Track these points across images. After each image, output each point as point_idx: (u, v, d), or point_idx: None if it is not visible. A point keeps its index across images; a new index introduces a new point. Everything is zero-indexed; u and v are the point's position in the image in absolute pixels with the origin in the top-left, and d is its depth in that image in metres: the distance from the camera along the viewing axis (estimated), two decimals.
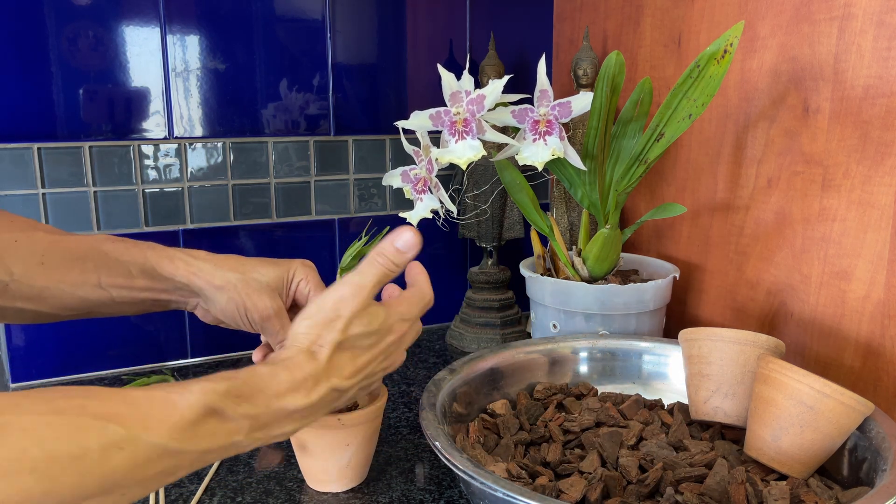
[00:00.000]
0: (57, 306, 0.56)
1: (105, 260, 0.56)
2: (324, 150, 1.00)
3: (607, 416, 0.65)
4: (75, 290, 0.55)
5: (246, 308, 0.59)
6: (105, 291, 0.57)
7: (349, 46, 0.99)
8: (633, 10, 0.98)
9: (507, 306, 1.01)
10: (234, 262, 0.60)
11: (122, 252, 0.57)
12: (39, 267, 0.54)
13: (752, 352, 0.61)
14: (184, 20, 0.90)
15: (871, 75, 0.66)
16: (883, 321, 0.67)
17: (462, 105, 0.68)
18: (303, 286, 0.62)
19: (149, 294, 0.58)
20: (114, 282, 0.57)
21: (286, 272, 0.62)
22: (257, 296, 0.59)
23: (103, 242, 0.57)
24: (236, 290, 0.59)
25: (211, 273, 0.59)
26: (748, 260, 0.83)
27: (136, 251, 0.58)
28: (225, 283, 0.59)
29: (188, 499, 0.63)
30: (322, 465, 0.63)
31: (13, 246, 0.54)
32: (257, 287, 0.59)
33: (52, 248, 0.55)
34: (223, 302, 0.59)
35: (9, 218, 0.56)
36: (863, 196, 0.68)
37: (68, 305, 0.56)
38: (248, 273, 0.60)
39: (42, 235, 0.56)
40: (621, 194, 0.77)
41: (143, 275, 0.57)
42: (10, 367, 0.89)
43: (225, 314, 0.60)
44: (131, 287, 0.57)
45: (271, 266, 0.61)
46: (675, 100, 0.70)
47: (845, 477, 0.56)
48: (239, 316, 0.59)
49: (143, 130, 0.91)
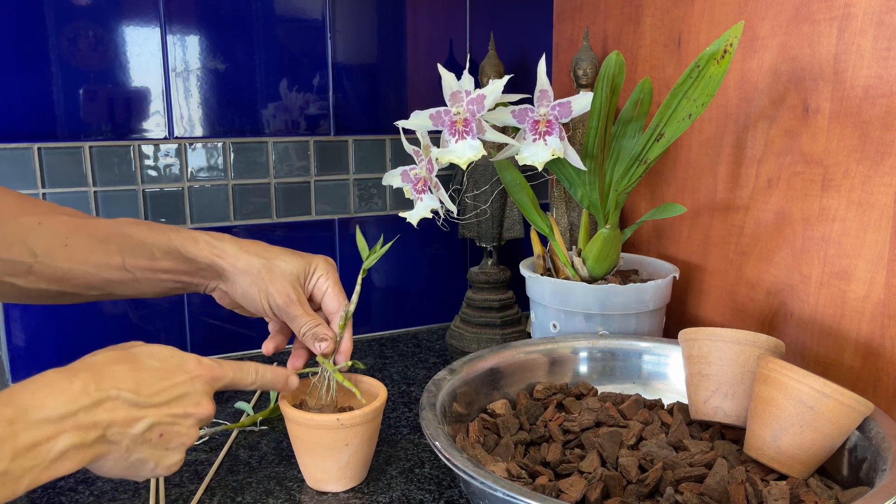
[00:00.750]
0: (81, 286, 0.56)
1: (129, 242, 0.57)
2: (324, 150, 1.00)
3: (607, 416, 0.65)
4: (99, 271, 0.56)
5: (269, 293, 0.59)
6: (129, 273, 0.57)
7: (349, 46, 0.99)
8: (633, 10, 0.98)
9: (507, 306, 1.01)
10: (259, 248, 0.61)
11: (145, 234, 0.58)
12: (63, 249, 0.54)
13: (752, 352, 0.61)
14: (184, 20, 0.90)
15: (871, 75, 0.66)
16: (883, 321, 0.67)
17: (462, 105, 0.68)
18: (321, 282, 0.63)
19: (171, 276, 0.59)
20: (137, 263, 0.57)
21: (308, 265, 0.63)
22: (280, 282, 0.60)
23: (126, 225, 0.58)
24: (259, 274, 0.59)
25: (235, 256, 0.59)
26: (748, 260, 0.83)
27: (159, 233, 0.58)
28: (248, 266, 0.59)
29: (188, 499, 0.63)
30: (321, 465, 0.63)
31: (37, 228, 0.54)
32: (280, 274, 0.60)
33: (75, 231, 0.55)
34: (245, 285, 0.60)
35: (31, 202, 0.57)
36: (863, 196, 0.68)
37: (92, 285, 0.57)
38: (272, 260, 0.60)
39: (66, 219, 0.56)
40: (621, 194, 0.77)
41: (167, 256, 0.58)
42: (10, 366, 0.89)
43: (245, 298, 0.60)
44: (155, 269, 0.58)
45: (295, 256, 0.62)
46: (675, 100, 0.70)
47: (845, 477, 0.56)
48: (260, 300, 0.60)
49: (144, 130, 0.91)
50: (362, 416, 0.62)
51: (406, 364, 0.96)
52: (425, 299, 1.11)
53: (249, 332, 1.00)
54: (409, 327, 1.11)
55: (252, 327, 0.99)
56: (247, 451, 0.72)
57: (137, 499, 0.64)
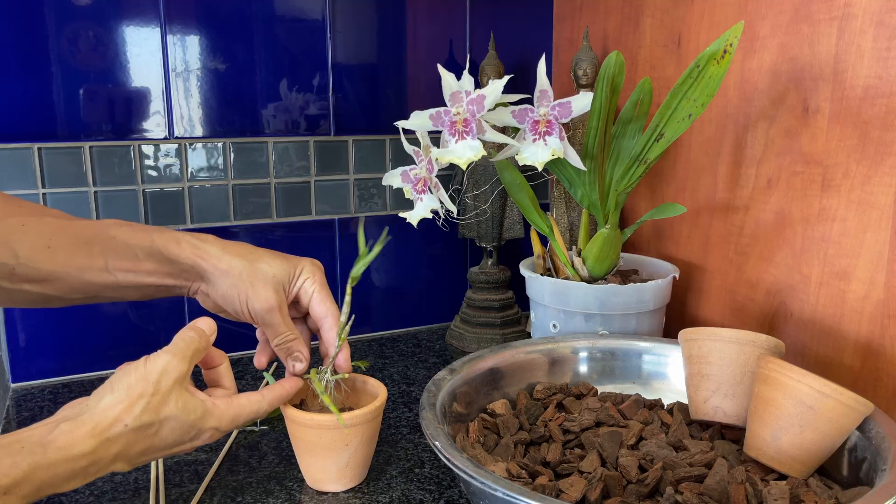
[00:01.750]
0: (63, 289, 0.56)
1: (112, 244, 0.56)
2: (324, 150, 1.00)
3: (607, 415, 0.65)
4: (82, 273, 0.55)
5: (248, 296, 0.58)
6: (111, 275, 0.56)
7: (349, 46, 1.00)
8: (633, 10, 0.98)
9: (507, 306, 1.01)
10: (242, 249, 0.60)
11: (128, 235, 0.57)
12: (46, 250, 0.54)
13: (752, 352, 0.61)
14: (184, 20, 0.90)
15: (870, 75, 0.66)
16: (883, 321, 0.67)
17: (462, 105, 0.68)
18: (307, 285, 0.62)
19: (154, 278, 0.58)
20: (120, 265, 0.56)
21: (293, 268, 0.61)
22: (261, 286, 0.58)
23: (110, 227, 0.57)
24: (240, 276, 0.58)
25: (217, 256, 0.58)
26: (748, 260, 0.83)
27: (142, 234, 0.57)
28: (230, 268, 0.58)
29: (188, 499, 0.63)
30: (321, 465, 0.63)
31: (21, 229, 0.54)
32: (262, 277, 0.59)
33: (59, 232, 0.55)
34: (225, 287, 0.58)
35: (17, 203, 0.56)
36: (863, 196, 0.68)
37: (75, 288, 0.56)
38: (255, 262, 0.59)
39: (50, 220, 0.56)
40: (621, 194, 0.77)
41: (150, 258, 0.57)
42: (11, 366, 0.89)
43: (225, 300, 0.59)
44: (137, 270, 0.57)
45: (279, 259, 0.61)
46: (675, 100, 0.70)
47: (845, 477, 0.56)
48: (239, 304, 0.59)
49: (144, 130, 0.91)
50: (362, 416, 0.62)
51: (406, 364, 0.96)
52: (425, 299, 1.11)
53: (249, 333, 1.00)
54: (409, 327, 1.11)
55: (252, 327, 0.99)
56: (247, 451, 0.72)
57: (138, 498, 0.64)
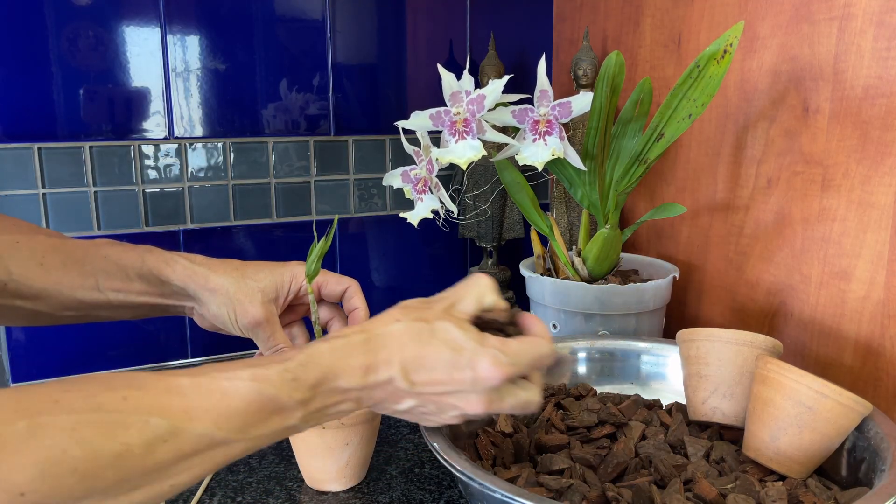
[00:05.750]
0: (55, 307, 0.56)
1: (103, 263, 0.57)
2: (324, 150, 1.00)
3: (608, 414, 0.65)
4: (73, 292, 0.56)
5: (236, 313, 0.59)
6: (103, 294, 0.57)
7: (349, 46, 1.00)
8: (633, 10, 0.98)
9: None
10: (230, 267, 0.60)
11: (120, 255, 0.57)
12: (39, 268, 0.54)
13: (750, 352, 0.60)
14: (184, 20, 0.90)
15: (870, 75, 0.66)
16: (883, 321, 0.67)
17: (462, 105, 0.68)
18: (306, 285, 0.63)
19: (146, 298, 0.58)
20: (111, 285, 0.57)
21: (282, 275, 0.61)
22: (248, 301, 0.59)
23: (102, 246, 0.58)
24: (228, 294, 0.59)
25: (206, 277, 0.59)
26: (748, 260, 0.83)
27: (133, 255, 0.58)
28: (218, 287, 0.59)
29: (188, 499, 0.63)
30: (321, 465, 0.63)
31: (14, 247, 0.54)
32: (249, 293, 0.59)
33: (52, 251, 0.55)
34: (214, 307, 0.59)
35: (11, 221, 0.57)
36: (863, 196, 0.68)
37: (66, 306, 0.56)
38: (243, 279, 0.59)
39: (43, 238, 0.56)
40: (621, 194, 0.77)
41: (141, 278, 0.57)
42: (11, 366, 0.89)
43: (217, 319, 0.60)
44: (128, 290, 0.57)
45: (267, 270, 0.61)
46: (675, 100, 0.70)
47: (844, 477, 0.56)
48: (229, 321, 0.59)
49: (144, 130, 0.91)
50: (362, 415, 0.62)
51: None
52: None
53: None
54: None
55: None
56: None
57: None
